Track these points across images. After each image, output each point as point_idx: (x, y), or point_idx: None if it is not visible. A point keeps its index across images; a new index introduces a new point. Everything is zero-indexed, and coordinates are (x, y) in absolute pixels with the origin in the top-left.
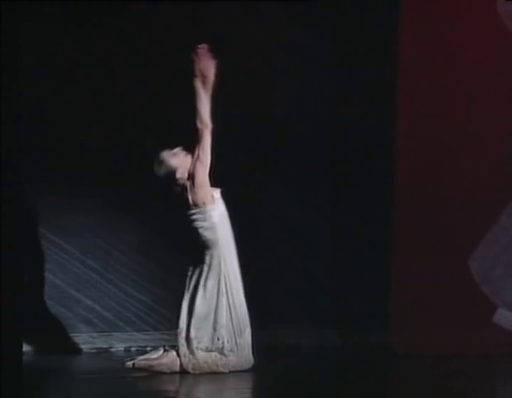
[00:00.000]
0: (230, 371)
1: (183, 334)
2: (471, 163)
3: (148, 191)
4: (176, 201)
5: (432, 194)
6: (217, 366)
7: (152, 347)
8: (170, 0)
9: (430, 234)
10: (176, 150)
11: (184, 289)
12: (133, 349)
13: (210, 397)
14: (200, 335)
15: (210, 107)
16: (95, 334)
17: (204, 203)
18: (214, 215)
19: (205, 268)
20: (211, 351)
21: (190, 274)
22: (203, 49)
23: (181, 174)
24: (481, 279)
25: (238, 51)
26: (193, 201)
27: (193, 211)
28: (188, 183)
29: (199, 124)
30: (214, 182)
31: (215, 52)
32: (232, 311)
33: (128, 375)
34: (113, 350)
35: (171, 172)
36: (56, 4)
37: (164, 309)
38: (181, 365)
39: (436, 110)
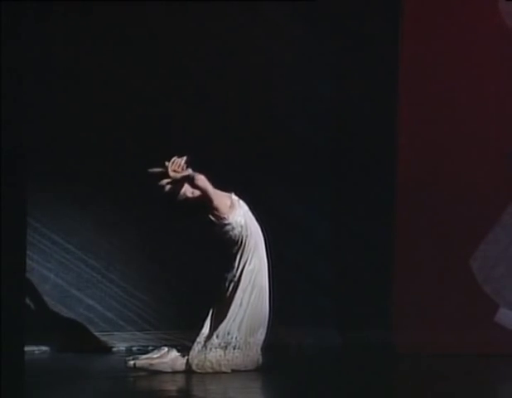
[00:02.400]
0: (233, 371)
1: (205, 331)
2: (472, 163)
3: (150, 190)
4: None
5: (432, 194)
6: (220, 365)
7: (153, 346)
8: (171, 0)
9: (430, 234)
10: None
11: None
12: (135, 348)
13: (211, 397)
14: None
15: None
16: (97, 334)
17: (226, 215)
18: (240, 219)
19: (239, 269)
20: (219, 345)
21: (224, 275)
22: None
23: (192, 194)
24: (483, 279)
25: (238, 51)
26: (215, 217)
27: (220, 225)
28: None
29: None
30: (215, 182)
31: (216, 52)
32: (249, 309)
33: (130, 374)
34: (114, 349)
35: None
36: (56, 4)
37: (165, 309)
38: (183, 364)
39: (436, 110)
